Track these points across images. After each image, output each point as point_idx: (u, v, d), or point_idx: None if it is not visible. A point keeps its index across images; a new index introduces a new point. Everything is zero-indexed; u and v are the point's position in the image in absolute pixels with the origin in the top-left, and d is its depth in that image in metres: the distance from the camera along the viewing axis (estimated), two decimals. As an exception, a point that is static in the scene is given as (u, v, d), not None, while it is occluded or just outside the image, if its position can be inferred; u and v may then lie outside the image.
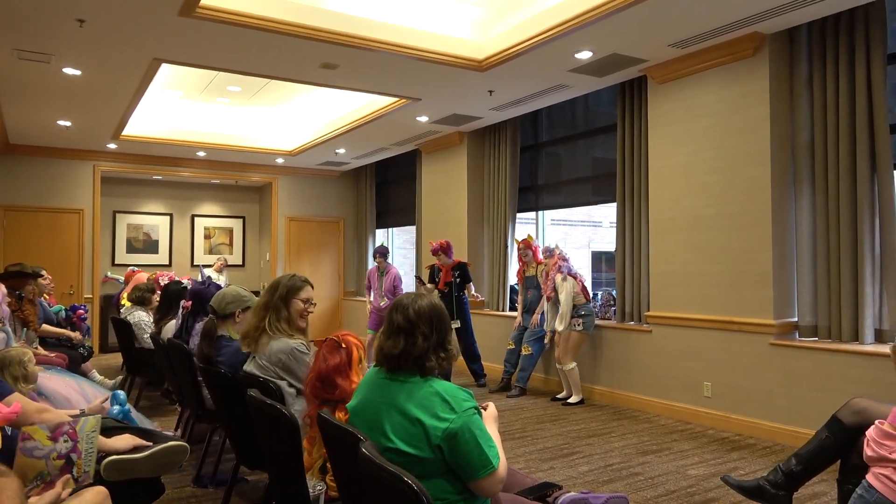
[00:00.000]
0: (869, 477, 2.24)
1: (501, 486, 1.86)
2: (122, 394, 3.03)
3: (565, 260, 6.04)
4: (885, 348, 4.13)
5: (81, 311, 7.27)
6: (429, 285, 7.05)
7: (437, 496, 1.80)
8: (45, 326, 5.70)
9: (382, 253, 7.64)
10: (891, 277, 4.36)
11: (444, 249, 6.90)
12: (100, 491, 2.07)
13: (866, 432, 2.35)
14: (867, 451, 2.29)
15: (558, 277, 5.94)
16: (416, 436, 1.79)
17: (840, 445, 2.63)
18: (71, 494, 1.96)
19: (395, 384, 1.90)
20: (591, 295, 6.10)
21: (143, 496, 2.39)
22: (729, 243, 5.03)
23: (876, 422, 2.34)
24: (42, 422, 2.11)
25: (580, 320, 5.86)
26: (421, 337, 1.90)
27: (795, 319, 4.83)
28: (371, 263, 10.96)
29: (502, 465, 1.84)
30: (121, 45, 5.11)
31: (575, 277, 5.94)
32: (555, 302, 6.02)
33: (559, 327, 5.92)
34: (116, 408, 2.90)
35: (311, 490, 2.16)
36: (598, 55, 5.23)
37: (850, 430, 2.59)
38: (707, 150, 5.20)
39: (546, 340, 6.26)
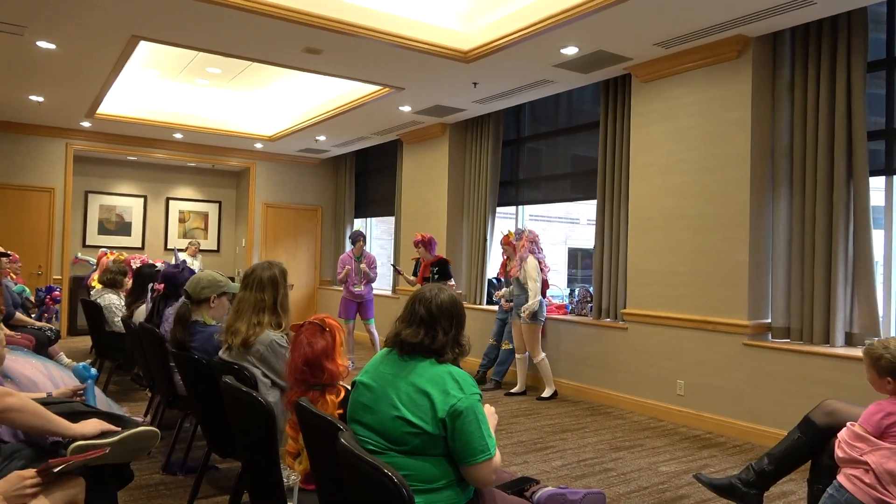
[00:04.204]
0: (840, 477, 2.28)
1: (495, 477, 1.89)
2: (93, 369, 2.96)
3: (533, 241, 5.99)
4: (856, 351, 4.21)
5: (57, 294, 7.08)
6: (411, 278, 6.98)
7: (438, 475, 1.82)
8: (20, 315, 5.55)
9: (362, 237, 7.38)
10: (863, 282, 4.43)
11: (426, 244, 6.75)
12: (78, 482, 2.02)
13: (838, 434, 2.39)
14: (838, 453, 2.32)
15: (528, 262, 5.88)
16: (422, 407, 1.82)
17: (811, 446, 2.67)
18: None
19: (411, 363, 1.93)
20: (546, 290, 6.08)
21: (111, 483, 2.33)
22: (706, 244, 5.07)
23: (847, 424, 2.38)
24: (4, 407, 2.03)
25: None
26: (441, 332, 1.95)
27: (769, 321, 4.90)
28: (348, 251, 10.89)
29: (498, 456, 1.89)
30: (98, 20, 4.98)
31: (539, 262, 5.90)
32: (517, 285, 5.98)
33: (532, 306, 5.80)
34: (83, 363, 2.83)
35: (285, 479, 2.12)
36: (584, 51, 5.23)
37: (821, 430, 2.62)
38: (688, 151, 5.23)
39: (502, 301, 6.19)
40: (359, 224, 10.98)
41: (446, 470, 1.84)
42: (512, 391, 6.11)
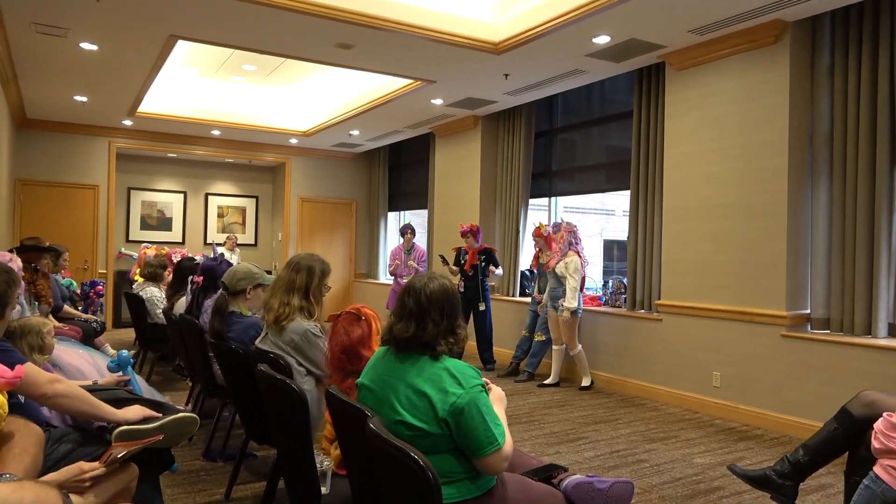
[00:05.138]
0: (876, 468, 2.23)
1: (507, 465, 1.86)
2: (121, 358, 3.06)
3: (572, 233, 5.97)
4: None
5: (100, 288, 7.40)
6: (454, 267, 7.04)
7: (445, 472, 1.82)
8: (67, 308, 5.77)
9: (411, 230, 7.65)
10: (906, 271, 4.31)
11: (473, 232, 6.90)
12: (132, 470, 2.11)
13: (874, 424, 2.34)
14: (875, 444, 2.28)
15: (569, 257, 5.86)
16: (422, 409, 1.81)
17: (848, 437, 2.62)
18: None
19: (406, 363, 1.91)
20: (584, 285, 6.10)
21: (153, 468, 2.42)
22: (743, 233, 4.98)
23: (884, 414, 2.32)
24: (54, 392, 2.13)
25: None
26: (431, 323, 1.90)
27: (808, 311, 4.80)
28: (383, 244, 11.01)
29: (508, 443, 1.85)
30: (137, 21, 5.12)
31: (579, 255, 5.89)
32: (554, 276, 5.97)
33: (571, 304, 5.76)
34: (126, 352, 2.95)
35: (318, 465, 2.18)
36: (616, 40, 5.17)
37: (859, 422, 2.57)
38: (724, 139, 5.14)
39: (540, 310, 6.23)
40: (392, 217, 11.07)
41: (457, 465, 1.83)
42: (545, 382, 6.11)
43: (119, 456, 1.99)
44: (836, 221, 4.60)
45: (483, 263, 6.84)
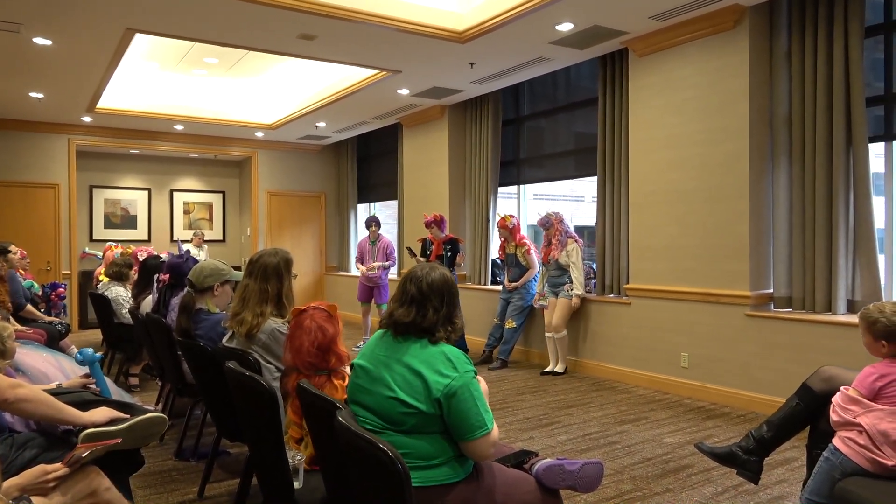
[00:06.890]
0: (835, 440, 2.31)
1: (493, 451, 1.93)
2: (96, 356, 3.00)
3: (562, 221, 6.05)
4: (857, 318, 4.22)
5: (62, 290, 7.23)
6: (420, 258, 7.04)
7: (432, 454, 1.86)
8: (31, 309, 5.64)
9: (375, 223, 7.62)
10: (863, 249, 4.43)
11: (438, 223, 6.90)
12: (92, 470, 2.08)
13: (833, 398, 2.42)
14: (833, 417, 2.36)
15: (569, 245, 5.95)
16: (416, 387, 1.85)
17: (810, 412, 2.70)
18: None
19: (404, 345, 1.96)
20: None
21: (122, 469, 2.39)
22: (707, 216, 5.07)
23: (841, 388, 2.41)
24: (15, 397, 2.08)
25: (570, 286, 5.97)
26: (432, 310, 1.97)
27: (771, 291, 4.91)
28: (353, 236, 10.96)
29: (496, 429, 1.92)
30: (93, 15, 4.99)
31: (577, 241, 6.00)
32: (556, 266, 6.03)
33: (577, 291, 5.93)
34: (90, 350, 2.90)
35: (290, 460, 2.17)
36: (579, 27, 5.20)
37: (819, 396, 2.65)
38: (687, 124, 5.22)
39: (540, 302, 6.25)
40: (362, 209, 11.01)
41: (444, 447, 1.88)
42: (550, 370, 6.09)
43: (83, 456, 1.97)
44: (797, 202, 4.71)
45: (448, 254, 6.85)
